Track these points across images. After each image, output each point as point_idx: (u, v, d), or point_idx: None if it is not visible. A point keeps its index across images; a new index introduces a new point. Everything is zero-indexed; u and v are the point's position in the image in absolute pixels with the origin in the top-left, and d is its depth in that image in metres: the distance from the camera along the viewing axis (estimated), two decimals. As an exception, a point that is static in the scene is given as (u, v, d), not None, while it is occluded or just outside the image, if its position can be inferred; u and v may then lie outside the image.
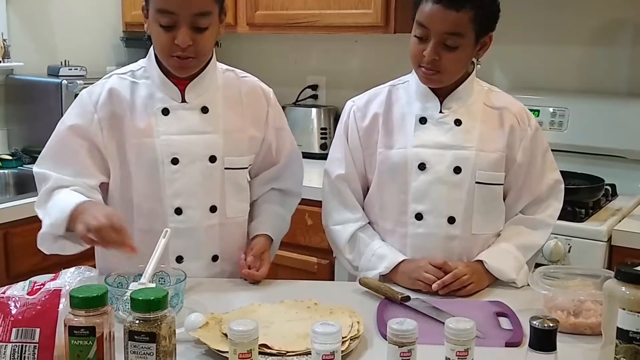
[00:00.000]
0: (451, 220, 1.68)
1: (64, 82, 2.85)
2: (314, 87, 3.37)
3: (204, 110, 1.69)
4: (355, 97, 1.82)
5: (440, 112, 1.71)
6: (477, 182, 1.68)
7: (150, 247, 1.54)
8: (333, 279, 2.55)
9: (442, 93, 1.71)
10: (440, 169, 1.68)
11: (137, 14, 3.32)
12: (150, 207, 1.67)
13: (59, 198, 1.61)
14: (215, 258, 1.72)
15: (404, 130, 1.72)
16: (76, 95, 2.74)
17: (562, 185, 1.79)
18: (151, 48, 1.71)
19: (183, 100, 1.68)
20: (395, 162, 1.71)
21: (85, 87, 2.73)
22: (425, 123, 1.71)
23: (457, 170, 1.67)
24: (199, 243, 1.69)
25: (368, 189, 1.79)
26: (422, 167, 1.68)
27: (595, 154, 2.60)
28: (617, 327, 1.18)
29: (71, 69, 2.97)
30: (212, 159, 1.68)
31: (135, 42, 3.40)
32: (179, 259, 1.68)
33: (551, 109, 2.67)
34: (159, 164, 1.65)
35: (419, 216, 1.69)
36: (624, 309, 1.17)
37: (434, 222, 1.68)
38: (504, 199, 1.75)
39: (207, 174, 1.68)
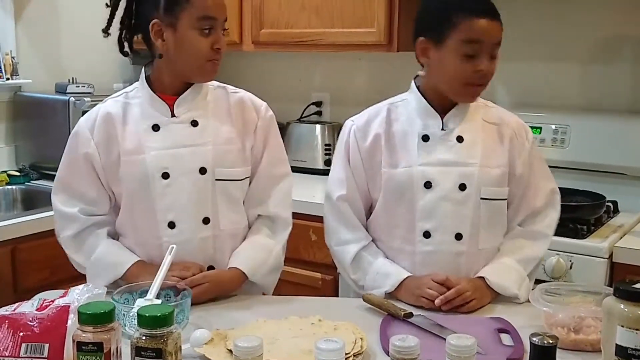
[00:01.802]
0: (458, 236, 1.69)
1: (72, 99, 2.88)
2: (319, 104, 3.40)
3: (194, 123, 1.72)
4: (354, 117, 1.82)
5: (442, 129, 1.73)
6: (482, 198, 1.70)
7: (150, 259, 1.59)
8: (337, 295, 2.56)
9: (442, 110, 1.73)
10: (446, 187, 1.69)
11: (143, 32, 3.38)
12: (144, 222, 1.70)
13: (102, 255, 1.71)
14: (210, 269, 1.73)
15: (407, 148, 1.73)
16: (84, 112, 2.81)
17: (559, 196, 1.81)
18: (142, 70, 1.76)
19: (173, 116, 1.72)
20: (401, 181, 1.72)
21: (92, 104, 2.80)
22: (428, 141, 1.72)
23: (462, 187, 1.69)
24: (193, 256, 1.71)
25: (371, 207, 1.80)
26: (428, 185, 1.69)
27: (597, 171, 2.62)
28: (616, 344, 1.20)
29: (78, 86, 3.00)
30: (202, 170, 1.70)
31: (141, 59, 3.43)
32: None
33: (553, 126, 2.69)
34: (149, 179, 1.68)
35: (426, 234, 1.70)
36: (622, 326, 1.19)
37: (442, 240, 1.69)
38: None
39: (199, 186, 1.70)
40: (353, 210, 1.79)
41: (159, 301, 1.46)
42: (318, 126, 3.23)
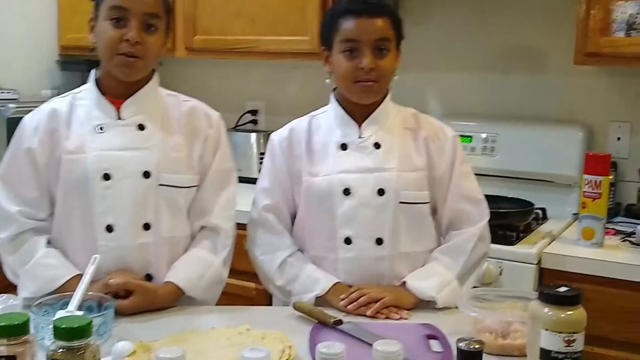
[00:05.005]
0: (379, 241, 1.72)
1: (-5, 105, 2.80)
2: (254, 112, 3.38)
3: (141, 127, 1.70)
4: (279, 130, 1.86)
5: (360, 137, 1.76)
6: (400, 202, 1.73)
7: (85, 266, 1.53)
8: (271, 304, 2.53)
9: (359, 118, 1.77)
10: (365, 193, 1.72)
11: (73, 37, 3.29)
12: (80, 224, 1.65)
13: (40, 265, 1.64)
14: (149, 277, 1.69)
15: (327, 157, 1.77)
16: (7, 119, 2.73)
17: (481, 196, 1.82)
18: (92, 71, 1.73)
19: (119, 118, 1.69)
20: (321, 189, 1.74)
21: (18, 110, 2.73)
22: (346, 149, 1.76)
23: (381, 192, 1.72)
24: (131, 262, 1.67)
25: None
26: (346, 192, 1.72)
27: (526, 179, 2.67)
28: (540, 348, 1.21)
29: (3, 92, 2.92)
30: (146, 174, 1.67)
31: (70, 65, 3.36)
32: None
33: (483, 135, 2.73)
34: (89, 179, 1.64)
35: (347, 240, 1.72)
36: (546, 330, 1.21)
37: (363, 245, 1.72)
38: (435, 215, 1.80)
39: (141, 191, 1.66)
40: (279, 219, 1.80)
41: (80, 313, 1.41)
42: (253, 135, 3.20)
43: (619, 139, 2.66)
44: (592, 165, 2.25)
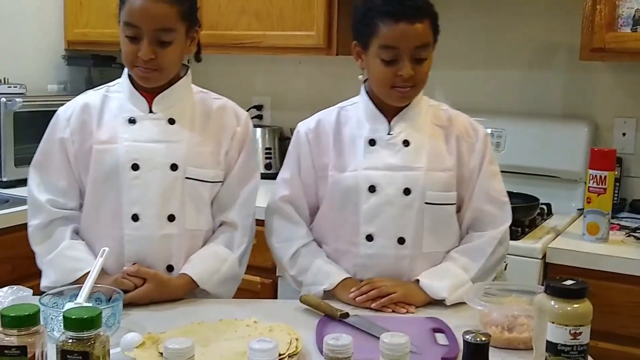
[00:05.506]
0: (401, 240, 1.70)
1: (3, 99, 2.78)
2: (259, 108, 3.38)
3: (171, 121, 1.73)
4: (306, 120, 1.83)
5: (389, 133, 1.73)
6: (426, 203, 1.69)
7: (111, 254, 1.58)
8: (277, 298, 2.54)
9: (390, 114, 1.74)
10: (390, 191, 1.69)
11: (79, 32, 3.30)
12: (108, 213, 1.69)
13: (63, 255, 1.69)
14: (170, 268, 1.71)
15: (355, 152, 1.74)
16: (14, 113, 2.74)
17: (506, 198, 1.79)
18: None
19: (151, 112, 1.72)
20: (347, 184, 1.72)
21: (25, 104, 2.74)
22: (374, 145, 1.73)
23: (407, 191, 1.69)
24: (153, 251, 1.69)
25: (318, 208, 1.80)
26: (372, 189, 1.70)
27: (532, 174, 2.68)
28: (547, 341, 1.22)
29: (10, 87, 2.92)
30: (174, 167, 1.70)
31: (77, 60, 3.37)
32: None
33: (489, 130, 2.73)
34: (119, 169, 1.68)
35: (369, 237, 1.70)
36: (552, 323, 1.21)
37: (384, 243, 1.70)
38: (458, 212, 1.77)
39: (168, 182, 1.69)
40: (296, 210, 1.80)
41: (88, 305, 1.42)
42: (259, 130, 3.21)
43: (624, 134, 2.66)
44: (597, 160, 2.25)
